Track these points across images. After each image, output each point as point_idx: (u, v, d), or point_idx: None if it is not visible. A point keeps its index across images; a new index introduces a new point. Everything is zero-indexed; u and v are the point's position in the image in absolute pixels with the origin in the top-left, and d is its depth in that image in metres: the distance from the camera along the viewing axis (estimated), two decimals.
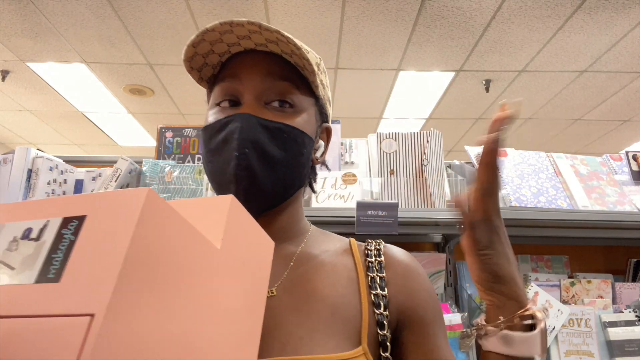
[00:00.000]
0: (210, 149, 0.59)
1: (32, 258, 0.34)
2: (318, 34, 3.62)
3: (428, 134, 1.73)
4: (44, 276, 0.33)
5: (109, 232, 0.33)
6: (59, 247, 0.34)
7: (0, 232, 0.37)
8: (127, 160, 1.66)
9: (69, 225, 0.35)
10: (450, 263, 1.82)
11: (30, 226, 0.37)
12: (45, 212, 0.37)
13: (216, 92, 0.61)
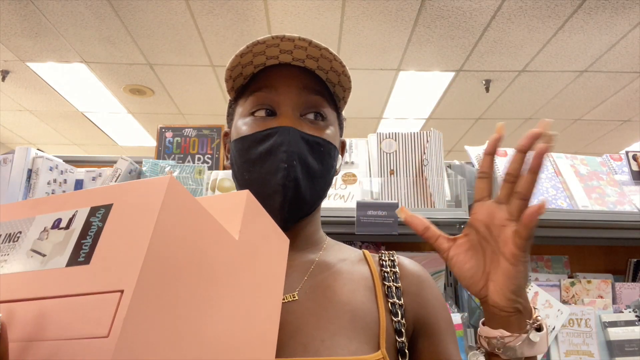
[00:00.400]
0: (250, 159, 0.60)
1: (62, 245, 0.37)
2: (318, 34, 3.62)
3: (428, 134, 1.73)
4: (74, 260, 0.35)
5: (134, 218, 0.35)
6: (88, 233, 0.36)
7: (31, 225, 0.40)
8: (127, 160, 1.66)
9: (96, 214, 0.37)
10: None
11: (59, 217, 0.39)
12: (74, 204, 0.39)
13: (250, 101, 0.62)
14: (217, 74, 4.26)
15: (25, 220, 0.41)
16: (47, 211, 0.40)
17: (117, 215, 0.37)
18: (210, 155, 1.82)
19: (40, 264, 0.37)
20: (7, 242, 0.40)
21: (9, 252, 0.39)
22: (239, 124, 0.63)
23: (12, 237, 0.40)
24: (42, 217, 0.40)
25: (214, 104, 4.90)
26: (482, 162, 0.56)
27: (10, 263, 0.38)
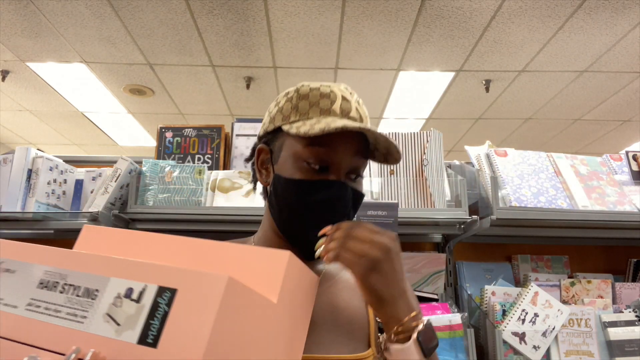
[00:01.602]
0: (307, 202, 0.68)
1: (134, 319, 0.44)
2: (318, 34, 3.62)
3: (428, 134, 1.73)
4: (144, 340, 0.42)
5: (196, 310, 0.42)
6: (155, 314, 0.43)
7: (107, 286, 0.46)
8: (127, 160, 1.66)
9: (163, 295, 0.44)
10: (450, 263, 1.82)
11: (131, 286, 0.45)
12: (144, 275, 0.46)
13: (309, 151, 0.68)
14: (217, 74, 4.26)
15: (101, 278, 0.47)
16: (120, 275, 0.47)
17: (181, 302, 0.43)
18: (210, 155, 1.82)
19: (115, 333, 0.44)
20: (86, 297, 0.47)
21: (87, 310, 0.46)
22: (291, 164, 0.70)
23: (90, 294, 0.47)
24: (116, 280, 0.47)
25: (214, 104, 4.91)
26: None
27: (90, 320, 0.45)
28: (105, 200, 1.60)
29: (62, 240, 1.92)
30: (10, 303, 0.51)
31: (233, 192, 1.66)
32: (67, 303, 0.48)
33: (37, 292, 0.50)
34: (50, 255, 0.52)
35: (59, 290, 0.49)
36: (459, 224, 1.67)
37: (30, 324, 0.48)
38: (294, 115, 0.71)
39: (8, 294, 0.51)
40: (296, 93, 0.73)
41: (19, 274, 0.53)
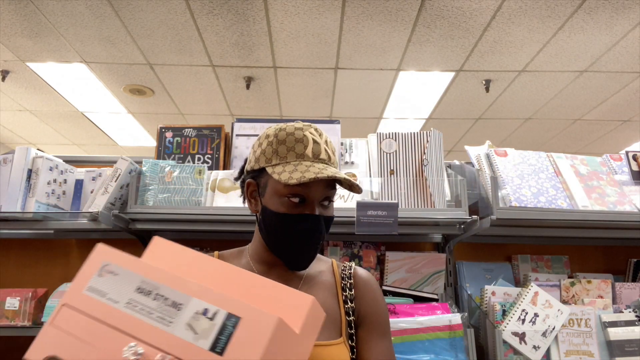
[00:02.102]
0: (289, 232, 0.88)
1: (208, 332, 0.60)
2: (318, 34, 3.62)
3: (428, 134, 1.73)
4: (214, 348, 0.58)
5: (253, 335, 0.58)
6: (224, 332, 0.59)
7: (189, 303, 0.62)
8: (127, 160, 1.66)
9: (231, 319, 0.60)
10: (450, 263, 1.82)
11: (207, 308, 0.61)
12: (219, 302, 0.62)
13: (288, 190, 0.86)
14: (217, 74, 4.26)
15: (186, 296, 0.63)
16: (200, 297, 0.63)
17: (243, 327, 0.59)
18: (210, 155, 1.82)
19: (193, 337, 0.60)
20: (173, 308, 0.62)
21: (174, 318, 0.62)
22: (276, 200, 0.88)
23: (176, 306, 0.63)
24: (197, 301, 0.62)
25: (214, 104, 4.91)
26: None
27: (175, 325, 0.61)
28: (105, 200, 1.60)
29: (62, 240, 1.93)
30: (113, 298, 0.65)
31: (233, 192, 1.66)
32: (158, 308, 0.63)
33: (135, 295, 0.65)
34: (147, 269, 0.67)
35: (152, 297, 0.64)
36: (459, 224, 1.67)
37: (128, 317, 0.63)
38: (275, 159, 0.88)
39: (111, 290, 0.66)
40: (275, 138, 0.90)
41: (121, 278, 0.67)
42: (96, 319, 0.64)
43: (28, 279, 1.88)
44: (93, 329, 0.63)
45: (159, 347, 0.60)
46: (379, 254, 1.80)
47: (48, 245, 1.92)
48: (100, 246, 0.71)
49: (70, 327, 0.64)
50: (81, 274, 0.68)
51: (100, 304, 0.65)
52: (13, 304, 1.56)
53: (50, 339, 0.64)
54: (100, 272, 0.68)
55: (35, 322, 1.57)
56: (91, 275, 0.68)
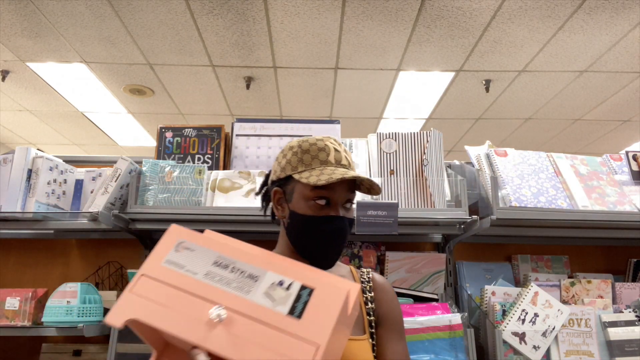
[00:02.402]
0: (316, 232, 0.95)
1: (284, 300, 0.66)
2: (318, 34, 3.62)
3: (428, 134, 1.73)
4: (292, 313, 0.65)
5: (327, 303, 0.66)
6: (299, 300, 0.66)
7: (265, 275, 0.69)
8: (127, 160, 1.66)
9: (305, 289, 0.67)
10: (450, 263, 1.82)
11: (282, 280, 0.69)
12: (292, 275, 0.69)
13: (315, 193, 0.94)
14: (217, 74, 4.26)
15: (261, 269, 0.70)
16: (274, 270, 0.70)
17: (316, 297, 0.66)
18: (210, 155, 1.82)
19: (271, 303, 0.66)
20: (250, 279, 0.69)
21: (251, 287, 0.68)
22: (303, 204, 0.96)
23: (253, 278, 0.69)
24: (271, 275, 0.69)
25: (214, 104, 4.91)
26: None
27: (253, 293, 0.68)
28: (105, 200, 1.60)
29: (62, 240, 1.93)
30: (192, 270, 0.71)
31: (233, 192, 1.66)
32: (236, 279, 0.69)
33: (213, 268, 0.71)
34: (221, 247, 0.73)
35: (229, 270, 0.70)
36: (459, 224, 1.67)
37: (207, 286, 0.69)
38: (300, 166, 0.96)
39: (189, 264, 0.71)
40: (299, 149, 0.98)
41: (197, 253, 0.73)
42: (176, 287, 0.69)
43: (28, 279, 1.88)
44: (173, 296, 0.68)
45: (240, 311, 0.66)
46: (379, 254, 1.80)
47: (48, 245, 1.92)
48: (174, 226, 0.78)
49: (150, 294, 0.69)
50: (157, 250, 0.74)
51: (179, 275, 0.70)
52: (13, 304, 1.56)
53: (130, 304, 0.68)
54: (176, 247, 0.74)
55: (35, 322, 1.56)
56: (168, 251, 0.74)
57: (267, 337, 0.63)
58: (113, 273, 1.86)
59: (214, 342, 0.63)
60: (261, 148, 1.80)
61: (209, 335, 0.63)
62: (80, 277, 1.86)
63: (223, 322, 0.64)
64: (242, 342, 0.63)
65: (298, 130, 1.82)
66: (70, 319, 1.47)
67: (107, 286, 1.84)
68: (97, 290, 1.58)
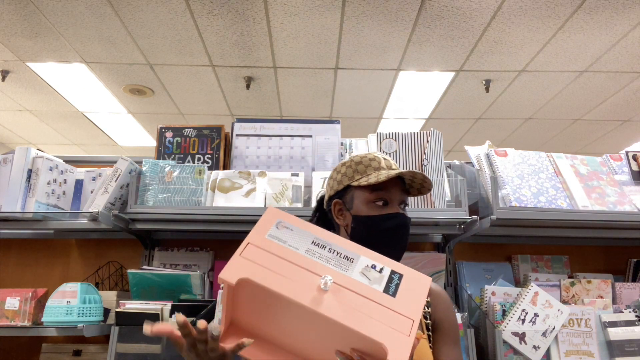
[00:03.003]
0: (380, 230, 1.03)
1: (379, 280, 0.74)
2: (318, 34, 3.62)
3: (428, 134, 1.73)
4: (387, 291, 0.73)
5: (416, 288, 0.74)
6: (392, 282, 0.74)
7: (359, 259, 0.76)
8: (127, 160, 1.66)
9: (395, 274, 0.75)
10: (450, 263, 1.82)
11: (375, 264, 0.76)
12: (382, 262, 0.76)
13: (375, 195, 1.04)
14: (217, 74, 4.26)
15: (355, 253, 0.77)
16: (367, 256, 0.77)
17: (406, 281, 0.74)
18: (210, 155, 1.82)
19: (368, 282, 0.73)
20: (346, 260, 0.76)
21: (348, 267, 0.75)
22: (364, 207, 1.04)
23: (349, 259, 0.76)
24: (364, 258, 0.77)
25: (214, 104, 4.91)
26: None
27: (351, 271, 0.74)
28: (105, 200, 1.60)
29: (62, 240, 1.93)
30: (293, 245, 0.76)
31: (233, 192, 1.66)
32: (334, 258, 0.76)
33: (312, 246, 0.77)
34: (317, 230, 0.79)
35: (327, 250, 0.77)
36: (459, 224, 1.67)
37: (309, 260, 0.75)
38: (357, 175, 1.07)
39: (290, 240, 0.77)
40: (352, 162, 1.09)
41: (296, 232, 0.78)
42: (282, 258, 0.74)
43: (28, 279, 1.88)
44: (281, 264, 0.73)
45: (343, 285, 0.72)
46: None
47: (48, 245, 1.92)
48: (272, 208, 0.82)
49: (258, 260, 0.74)
50: (258, 227, 0.79)
51: (283, 248, 0.76)
52: (13, 304, 1.56)
53: (241, 265, 0.73)
54: (277, 225, 0.79)
55: (35, 322, 1.56)
56: (269, 227, 0.79)
57: (370, 308, 0.70)
58: (113, 273, 1.86)
59: (326, 308, 0.69)
60: (261, 148, 1.80)
61: (320, 300, 0.70)
62: (80, 277, 1.86)
63: (331, 290, 0.71)
64: (350, 309, 0.70)
65: (298, 130, 1.82)
66: (70, 319, 1.47)
67: (107, 286, 1.84)
68: (97, 290, 1.58)
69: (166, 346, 1.43)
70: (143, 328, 0.71)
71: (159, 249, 1.85)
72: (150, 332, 0.71)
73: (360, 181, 1.04)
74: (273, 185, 1.66)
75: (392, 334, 0.68)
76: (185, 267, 1.81)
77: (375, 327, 0.69)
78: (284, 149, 1.80)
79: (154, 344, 1.44)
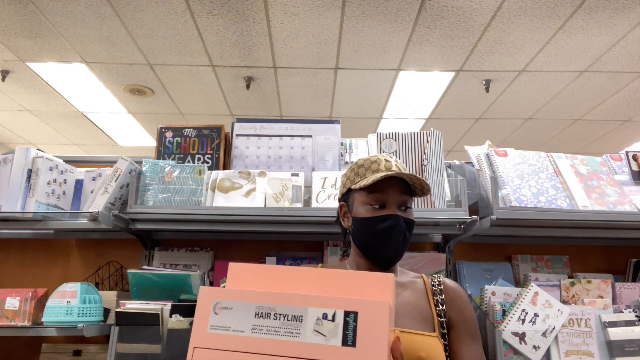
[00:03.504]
0: (374, 231, 1.04)
1: (334, 331, 0.69)
2: (318, 34, 3.62)
3: (428, 134, 1.73)
4: (345, 343, 0.68)
5: (374, 322, 0.69)
6: (348, 327, 0.69)
7: (308, 313, 0.71)
8: (127, 160, 1.66)
9: (350, 315, 0.69)
10: (450, 263, 1.82)
11: (325, 312, 0.70)
12: (332, 305, 0.71)
13: (370, 198, 1.05)
14: (217, 74, 4.26)
15: (302, 308, 0.71)
16: (314, 305, 0.71)
17: (363, 319, 0.69)
18: (210, 155, 1.82)
19: (324, 339, 0.69)
20: (295, 321, 0.71)
21: (299, 329, 0.70)
22: (362, 209, 1.06)
23: (297, 319, 0.71)
24: (312, 309, 0.71)
25: (214, 104, 4.91)
26: None
27: (303, 335, 0.70)
28: (105, 200, 1.60)
29: (62, 240, 1.93)
30: (238, 329, 0.73)
31: (233, 192, 1.66)
32: (282, 326, 0.71)
33: (256, 320, 0.73)
34: (255, 296, 0.74)
35: (272, 318, 0.72)
36: (459, 224, 1.67)
37: (259, 340, 0.71)
38: (356, 178, 1.09)
39: (232, 323, 0.74)
40: (355, 165, 1.12)
41: (236, 310, 0.74)
42: (230, 350, 0.72)
43: (28, 279, 1.88)
44: (230, 359, 0.71)
45: (297, 357, 0.69)
46: None
47: (48, 245, 1.92)
48: (204, 289, 0.78)
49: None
50: (198, 318, 0.76)
51: (228, 337, 0.73)
52: (13, 304, 1.56)
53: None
54: (214, 310, 0.75)
55: (35, 322, 1.56)
56: (208, 316, 0.75)
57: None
58: (113, 273, 1.86)
59: None
60: (261, 148, 1.80)
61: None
62: (80, 277, 1.86)
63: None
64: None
65: (298, 130, 1.82)
66: (70, 319, 1.47)
67: (107, 286, 1.84)
68: (97, 290, 1.58)
69: (166, 346, 1.43)
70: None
71: (159, 249, 1.85)
72: None
73: (356, 185, 1.07)
74: (273, 185, 1.66)
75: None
76: (185, 267, 1.81)
77: None
78: (284, 149, 1.80)
79: (154, 344, 1.44)
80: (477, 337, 1.07)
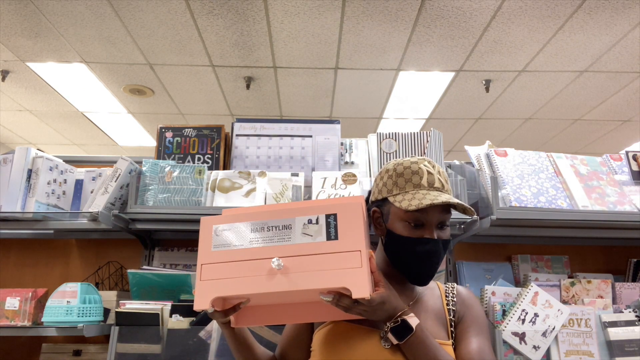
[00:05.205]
0: (411, 252, 1.02)
1: (319, 231, 0.85)
2: (318, 34, 3.62)
3: (428, 134, 1.73)
4: (329, 238, 0.84)
5: (351, 219, 0.85)
6: (331, 226, 0.85)
7: (295, 222, 0.86)
8: (127, 160, 1.66)
9: (330, 217, 0.86)
10: (450, 263, 1.82)
11: (310, 218, 0.86)
12: (314, 211, 0.87)
13: (408, 216, 1.01)
14: (217, 74, 4.26)
15: (290, 219, 0.87)
16: (300, 215, 0.87)
17: (341, 218, 0.85)
18: (210, 155, 1.82)
19: (311, 238, 0.85)
20: (285, 230, 0.86)
21: (290, 235, 0.85)
22: (398, 225, 1.03)
23: (287, 227, 0.86)
24: (299, 218, 0.87)
25: (214, 104, 4.90)
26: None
27: (294, 238, 0.85)
28: (105, 200, 1.60)
29: (62, 240, 1.93)
30: (238, 244, 0.87)
31: (233, 192, 1.66)
32: (275, 235, 0.86)
33: (252, 234, 0.87)
34: (248, 216, 0.88)
35: (266, 230, 0.87)
36: (459, 224, 1.67)
37: (257, 249, 0.85)
38: (395, 189, 1.03)
39: (233, 240, 0.88)
40: (394, 172, 1.05)
41: (233, 230, 0.88)
42: (233, 261, 0.85)
43: (28, 279, 1.88)
44: (236, 267, 0.84)
45: (292, 255, 0.83)
46: None
47: (48, 245, 1.92)
48: (204, 219, 0.92)
49: (216, 275, 0.84)
50: (202, 242, 0.89)
51: (230, 251, 0.86)
52: (13, 304, 1.56)
53: (206, 288, 0.84)
54: (215, 233, 0.89)
55: (35, 322, 1.56)
56: (210, 239, 0.89)
57: (321, 261, 0.81)
58: (113, 273, 1.86)
59: (286, 283, 0.80)
60: (261, 148, 1.80)
61: (279, 280, 0.81)
62: (80, 277, 1.86)
63: (284, 265, 0.82)
64: (305, 273, 0.81)
65: (298, 130, 1.82)
66: (70, 319, 1.47)
67: (107, 286, 1.84)
68: (97, 290, 1.58)
69: (166, 346, 1.43)
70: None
71: (159, 249, 1.85)
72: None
73: (396, 199, 1.01)
74: (273, 185, 1.66)
75: (347, 274, 0.80)
76: (185, 267, 1.81)
77: (331, 277, 0.80)
78: (284, 149, 1.80)
79: (154, 344, 1.44)
80: (483, 333, 1.06)
